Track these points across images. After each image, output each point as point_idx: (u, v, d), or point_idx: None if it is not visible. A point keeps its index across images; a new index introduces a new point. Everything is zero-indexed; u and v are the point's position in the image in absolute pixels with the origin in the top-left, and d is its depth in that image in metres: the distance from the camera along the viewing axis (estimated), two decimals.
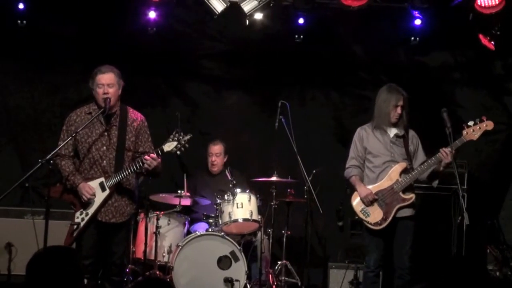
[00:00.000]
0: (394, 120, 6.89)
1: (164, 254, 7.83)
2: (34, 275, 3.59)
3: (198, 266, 7.51)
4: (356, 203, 6.90)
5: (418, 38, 8.62)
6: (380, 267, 6.98)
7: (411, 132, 7.02)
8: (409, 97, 6.92)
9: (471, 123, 6.70)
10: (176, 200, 7.96)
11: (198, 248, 7.54)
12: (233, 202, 7.71)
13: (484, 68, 9.29)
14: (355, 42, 9.40)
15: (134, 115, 6.60)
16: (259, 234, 7.87)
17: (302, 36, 8.70)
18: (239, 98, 9.43)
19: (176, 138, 6.35)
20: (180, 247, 7.51)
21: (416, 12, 8.43)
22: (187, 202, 8.15)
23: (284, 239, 8.02)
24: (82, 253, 6.28)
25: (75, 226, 6.32)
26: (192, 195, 8.18)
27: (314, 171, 7.83)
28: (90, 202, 6.34)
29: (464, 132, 6.67)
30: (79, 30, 8.94)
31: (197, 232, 7.71)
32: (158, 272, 7.67)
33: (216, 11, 8.15)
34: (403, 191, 6.79)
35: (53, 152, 6.21)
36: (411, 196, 6.82)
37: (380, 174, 6.87)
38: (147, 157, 6.32)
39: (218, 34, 9.37)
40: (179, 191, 7.91)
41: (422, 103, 9.09)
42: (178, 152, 6.39)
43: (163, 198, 8.10)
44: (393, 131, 6.94)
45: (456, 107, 9.06)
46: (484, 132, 6.71)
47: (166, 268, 7.65)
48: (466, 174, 8.42)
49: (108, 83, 6.37)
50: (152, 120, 7.13)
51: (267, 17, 8.55)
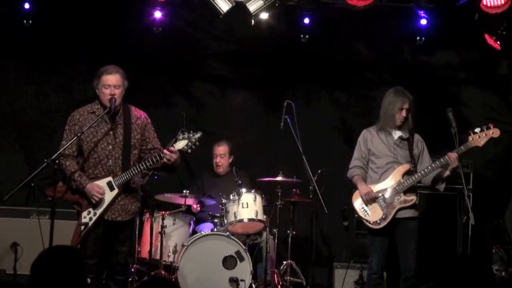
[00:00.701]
0: (399, 123, 6.90)
1: (169, 254, 7.83)
2: (39, 274, 3.59)
3: (204, 266, 7.52)
4: (356, 202, 6.93)
5: (423, 38, 8.60)
6: (383, 269, 6.99)
7: (417, 136, 7.03)
8: (415, 100, 6.91)
9: (477, 129, 6.71)
10: (181, 200, 7.96)
11: (203, 248, 7.54)
12: (238, 202, 7.71)
13: (490, 68, 9.27)
14: (360, 42, 9.39)
15: (137, 113, 6.60)
16: (265, 234, 7.86)
17: (307, 36, 8.69)
18: (245, 98, 9.42)
19: (186, 137, 6.35)
20: (185, 247, 7.51)
21: (422, 12, 8.42)
22: (192, 203, 8.15)
23: (289, 239, 8.01)
24: (87, 252, 6.28)
25: (83, 227, 6.33)
26: (197, 196, 8.17)
27: (320, 171, 7.83)
28: (100, 202, 6.35)
29: (470, 138, 6.68)
30: (84, 30, 8.95)
31: (202, 232, 7.71)
32: (163, 272, 7.67)
33: (222, 11, 8.15)
34: (405, 193, 6.80)
35: (58, 152, 6.22)
36: (412, 198, 6.83)
37: (383, 175, 6.89)
38: (166, 151, 6.31)
39: (224, 34, 9.37)
40: (184, 191, 7.91)
41: (427, 103, 9.08)
42: (189, 151, 6.39)
43: (169, 197, 8.10)
44: (397, 134, 6.95)
45: (461, 107, 9.05)
46: (490, 139, 6.71)
47: (172, 268, 7.66)
48: (472, 174, 8.41)
49: (115, 84, 6.39)
50: (157, 120, 7.13)
51: (272, 17, 8.54)
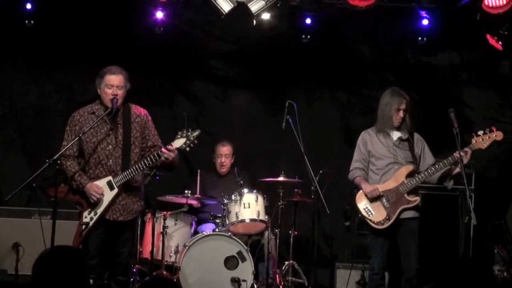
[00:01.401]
0: (397, 123, 6.91)
1: (171, 254, 7.83)
2: (41, 275, 3.59)
3: (205, 266, 7.52)
4: (360, 201, 6.92)
5: (425, 38, 8.60)
6: (385, 269, 6.99)
7: (416, 135, 7.03)
8: (412, 100, 6.92)
9: (480, 132, 6.71)
10: (183, 200, 7.96)
11: (205, 248, 7.54)
12: (240, 202, 7.71)
13: (492, 68, 9.27)
14: (362, 42, 9.39)
15: (137, 110, 6.60)
16: (266, 234, 7.87)
17: (309, 36, 8.70)
18: (246, 98, 9.42)
19: (184, 135, 6.34)
20: (187, 247, 7.51)
21: (424, 12, 8.42)
22: (194, 202, 8.15)
23: (291, 239, 8.02)
24: (89, 253, 6.28)
25: (84, 226, 6.33)
26: (199, 197, 8.18)
27: (321, 171, 7.82)
28: (99, 201, 6.35)
29: (473, 140, 6.70)
30: (86, 31, 8.96)
31: (204, 232, 7.71)
32: (165, 272, 7.67)
33: (223, 11, 8.15)
34: (408, 193, 6.80)
35: (60, 153, 6.23)
36: (415, 199, 6.83)
37: (383, 176, 6.89)
38: (164, 149, 6.31)
39: (225, 34, 9.37)
40: (186, 191, 7.92)
41: (429, 103, 9.10)
42: (188, 149, 6.38)
43: (170, 198, 8.10)
44: (396, 135, 6.95)
45: (463, 107, 9.05)
46: (493, 142, 6.71)
47: (173, 268, 7.65)
48: (474, 175, 8.41)
49: (118, 84, 6.39)
50: (159, 120, 7.14)
51: (274, 17, 8.54)
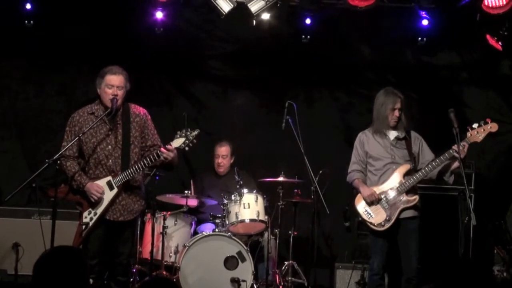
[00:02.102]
0: (393, 123, 6.92)
1: (171, 255, 7.83)
2: (41, 275, 3.59)
3: (205, 266, 7.51)
4: (359, 204, 6.92)
5: (425, 39, 8.60)
6: (384, 270, 6.98)
7: (413, 134, 7.04)
8: (412, 100, 6.92)
9: (475, 125, 6.69)
10: (183, 200, 7.96)
11: (205, 249, 7.54)
12: (240, 202, 7.70)
13: (492, 68, 9.27)
14: (362, 42, 9.39)
15: (137, 110, 6.59)
16: (266, 234, 7.86)
17: (309, 36, 8.70)
18: (246, 98, 9.42)
19: (183, 134, 6.34)
20: (187, 247, 7.51)
21: (423, 12, 8.42)
22: (194, 203, 8.16)
23: (291, 240, 8.02)
24: (89, 253, 6.28)
25: (84, 226, 6.33)
26: (199, 196, 8.19)
27: (321, 172, 7.83)
28: (99, 201, 6.35)
29: (468, 134, 6.67)
30: (86, 31, 8.96)
31: (204, 233, 7.71)
32: (164, 272, 7.67)
33: (223, 11, 8.15)
34: (407, 193, 6.80)
35: (59, 153, 6.23)
36: (415, 198, 6.82)
37: (382, 177, 6.89)
38: (163, 149, 6.30)
39: (225, 34, 9.38)
40: (185, 192, 7.92)
41: (429, 104, 9.10)
42: (187, 148, 6.37)
43: (170, 198, 8.10)
44: (393, 134, 6.95)
45: (463, 108, 9.05)
46: (489, 134, 6.70)
47: (173, 268, 7.65)
48: (473, 175, 8.41)
49: (118, 85, 6.39)
50: (159, 120, 7.13)
51: (274, 17, 8.54)
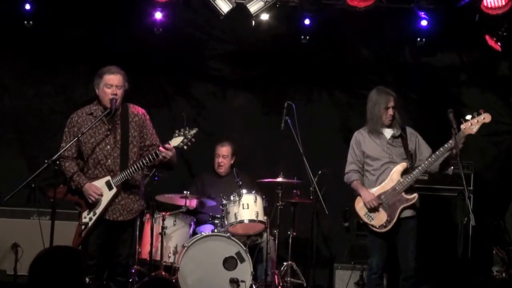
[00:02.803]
0: (388, 122, 6.92)
1: (170, 255, 7.83)
2: (37, 275, 3.58)
3: (204, 267, 7.52)
4: (359, 207, 6.91)
5: (424, 39, 8.59)
6: (383, 269, 6.98)
7: (409, 130, 7.04)
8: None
9: (468, 117, 6.66)
10: (182, 201, 7.96)
11: (204, 249, 7.55)
12: (239, 203, 7.71)
13: (491, 69, 9.27)
14: (361, 43, 9.39)
15: (135, 110, 6.60)
16: (265, 235, 7.86)
17: (308, 37, 8.68)
18: (245, 99, 9.42)
19: (182, 133, 6.34)
20: (186, 248, 7.51)
21: (422, 13, 8.41)
22: (193, 204, 8.16)
23: (290, 240, 8.02)
24: (88, 253, 6.29)
25: (83, 227, 6.33)
26: (199, 196, 8.19)
27: (320, 172, 7.82)
28: (98, 202, 6.35)
29: (462, 126, 6.64)
30: (85, 31, 8.97)
31: (203, 233, 7.71)
32: (163, 273, 7.67)
33: (222, 12, 8.15)
34: (406, 192, 6.79)
35: (59, 153, 6.23)
36: (414, 196, 6.82)
37: (380, 177, 6.89)
38: (161, 148, 6.31)
39: (224, 35, 9.38)
40: (185, 192, 7.91)
41: (428, 104, 9.10)
42: (185, 147, 6.38)
43: (169, 198, 8.10)
44: (389, 133, 6.96)
45: (462, 108, 9.01)
46: (483, 125, 6.66)
47: (172, 269, 7.65)
48: (472, 175, 8.40)
49: (117, 84, 6.40)
50: (158, 120, 7.14)
51: (273, 17, 8.55)
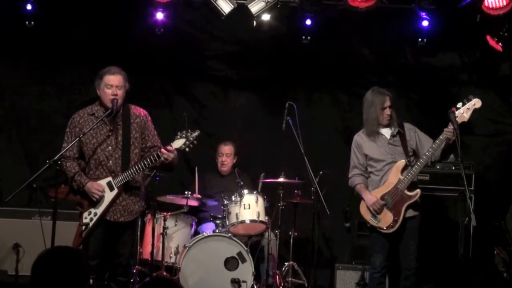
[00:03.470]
0: (386, 122, 6.93)
1: (171, 255, 7.84)
2: (39, 275, 3.59)
3: (205, 267, 7.52)
4: (364, 210, 6.92)
5: (425, 39, 8.59)
6: (385, 268, 6.98)
7: (407, 126, 7.04)
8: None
9: (459, 104, 6.61)
10: (183, 201, 7.97)
11: (205, 249, 7.55)
12: (240, 203, 7.71)
13: (492, 69, 9.26)
14: (362, 43, 9.39)
15: (137, 111, 6.60)
16: (266, 235, 7.87)
17: (309, 37, 8.68)
18: (246, 99, 9.43)
19: (184, 135, 6.34)
20: (187, 248, 7.52)
21: (423, 13, 8.41)
22: (194, 203, 8.16)
23: (291, 240, 8.03)
24: (89, 253, 6.29)
25: (84, 227, 6.34)
26: (201, 195, 8.20)
27: (321, 172, 7.83)
28: (99, 201, 6.36)
29: (454, 115, 6.60)
30: (86, 31, 8.98)
31: (204, 233, 7.72)
32: (165, 273, 7.68)
33: (224, 12, 8.16)
34: (408, 189, 6.79)
35: (60, 153, 6.24)
36: (416, 192, 6.82)
37: (383, 177, 6.91)
38: (163, 150, 6.30)
39: (226, 35, 9.38)
40: (186, 192, 7.92)
41: (429, 104, 9.10)
42: (187, 149, 6.38)
43: (170, 199, 8.11)
44: (387, 132, 6.97)
45: None
46: (474, 111, 6.62)
47: (173, 269, 7.66)
48: (473, 176, 8.39)
49: (117, 84, 6.39)
50: (159, 120, 7.14)
51: (274, 18, 8.55)
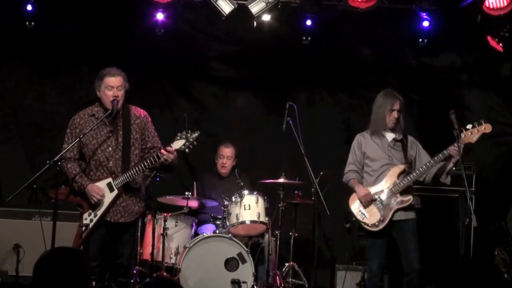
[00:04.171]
0: (391, 124, 6.94)
1: (171, 256, 7.83)
2: (41, 276, 3.58)
3: (206, 267, 7.52)
4: (353, 204, 6.94)
5: (426, 40, 8.58)
6: (383, 271, 6.99)
7: (410, 138, 7.08)
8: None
9: (469, 126, 6.69)
10: (183, 202, 7.96)
11: (205, 250, 7.55)
12: (240, 203, 7.70)
13: (493, 70, 9.26)
14: (362, 43, 9.39)
15: (137, 112, 6.60)
16: (267, 236, 7.87)
17: (309, 37, 8.68)
18: (247, 100, 9.43)
19: (184, 136, 6.34)
20: (187, 249, 7.52)
21: (424, 14, 8.41)
22: (195, 204, 8.16)
23: (292, 241, 8.02)
24: (90, 254, 6.28)
25: (84, 228, 6.34)
26: (200, 197, 8.20)
27: (322, 173, 7.83)
28: (99, 203, 6.36)
29: (462, 135, 6.66)
30: (87, 32, 8.97)
31: (204, 234, 7.72)
32: (165, 274, 7.67)
33: (224, 12, 8.16)
34: (401, 193, 6.81)
35: (61, 154, 6.23)
36: (408, 198, 6.84)
37: (378, 178, 6.92)
38: (163, 151, 6.30)
39: (226, 35, 9.37)
40: (186, 193, 7.92)
41: (430, 105, 9.09)
42: (187, 150, 6.38)
43: (171, 199, 8.10)
44: (391, 136, 6.98)
45: (464, 109, 9.03)
46: (483, 135, 6.69)
47: (174, 270, 7.66)
48: (474, 176, 8.40)
49: (118, 86, 6.39)
50: (160, 121, 7.15)
51: (274, 18, 8.54)
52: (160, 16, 8.47)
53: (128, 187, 6.46)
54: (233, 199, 7.75)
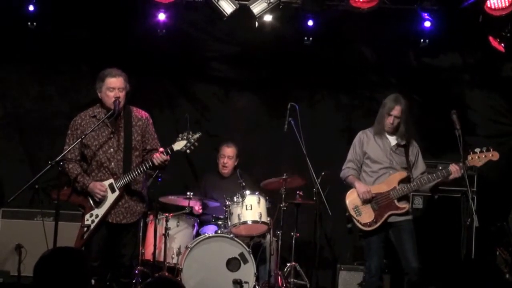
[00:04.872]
0: (387, 128, 6.93)
1: (173, 256, 7.84)
2: (42, 276, 3.58)
3: (207, 268, 7.52)
4: (350, 200, 6.93)
5: (427, 40, 8.58)
6: (382, 271, 6.99)
7: (414, 143, 7.05)
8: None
9: (477, 150, 6.74)
10: (185, 202, 7.97)
11: (207, 250, 7.55)
12: (242, 204, 7.70)
13: (494, 70, 9.26)
14: (364, 44, 9.39)
15: (139, 113, 6.61)
16: (268, 236, 7.86)
17: (311, 38, 8.67)
18: (248, 100, 9.42)
19: (185, 137, 6.36)
20: (189, 249, 7.52)
21: (426, 14, 8.41)
22: (197, 206, 8.17)
23: (293, 241, 8.02)
24: (91, 254, 6.29)
25: (85, 229, 6.34)
26: (201, 198, 8.20)
27: (323, 173, 7.82)
28: (101, 203, 6.36)
29: (469, 157, 6.70)
30: (88, 32, 8.98)
31: (206, 234, 7.72)
32: (167, 274, 7.67)
33: (226, 13, 8.16)
34: (398, 200, 6.80)
35: (62, 154, 6.23)
36: (405, 206, 6.84)
37: (377, 180, 6.91)
38: (157, 155, 6.34)
39: (227, 36, 9.38)
40: (188, 193, 7.92)
41: (431, 105, 9.09)
42: (188, 151, 6.40)
43: (172, 200, 8.10)
44: (394, 140, 6.96)
45: (465, 109, 9.04)
46: (488, 162, 6.74)
47: (175, 270, 7.66)
48: (476, 177, 8.39)
49: (119, 86, 6.40)
50: (161, 121, 7.15)
51: (276, 19, 8.54)
52: (161, 16, 8.47)
53: (130, 188, 6.47)
54: (234, 199, 7.76)
